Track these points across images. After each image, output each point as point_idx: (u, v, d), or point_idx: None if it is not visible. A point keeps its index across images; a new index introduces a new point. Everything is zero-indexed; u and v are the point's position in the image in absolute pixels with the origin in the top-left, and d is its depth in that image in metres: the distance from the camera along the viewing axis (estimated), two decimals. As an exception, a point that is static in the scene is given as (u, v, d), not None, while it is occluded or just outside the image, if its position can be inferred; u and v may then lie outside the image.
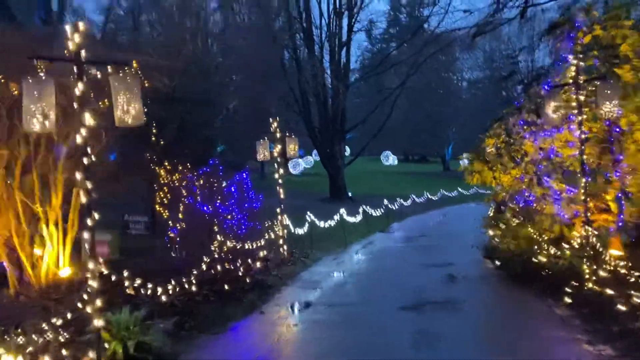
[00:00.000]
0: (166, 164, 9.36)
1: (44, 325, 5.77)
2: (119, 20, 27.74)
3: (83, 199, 5.37)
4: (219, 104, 22.12)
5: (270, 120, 12.28)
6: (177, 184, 9.68)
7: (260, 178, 31.96)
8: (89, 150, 5.29)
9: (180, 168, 10.32)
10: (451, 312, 8.03)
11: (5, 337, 5.53)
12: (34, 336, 5.52)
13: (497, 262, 10.32)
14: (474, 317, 7.85)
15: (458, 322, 7.47)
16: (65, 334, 5.81)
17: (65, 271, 7.98)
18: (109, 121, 5.80)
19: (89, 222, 5.38)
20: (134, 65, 8.32)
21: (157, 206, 9.06)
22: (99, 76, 6.01)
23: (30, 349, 5.34)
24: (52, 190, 7.84)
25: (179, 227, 9.46)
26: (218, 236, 9.43)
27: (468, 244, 12.43)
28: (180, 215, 9.35)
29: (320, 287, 9.90)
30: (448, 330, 7.11)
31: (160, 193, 9.12)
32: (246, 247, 10.08)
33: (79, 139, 5.25)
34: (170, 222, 9.31)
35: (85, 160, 5.27)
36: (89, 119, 5.29)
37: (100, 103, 7.42)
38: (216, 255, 9.38)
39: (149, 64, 11.41)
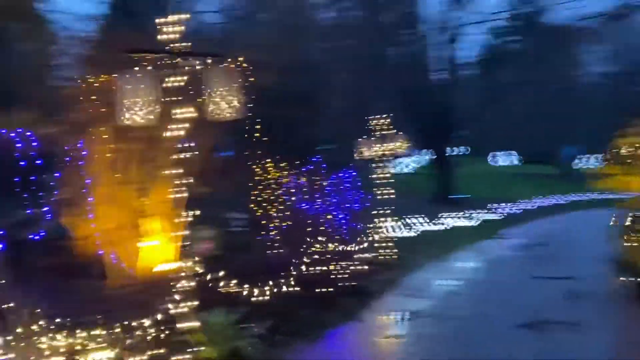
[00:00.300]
0: (267, 161, 9.18)
1: (138, 321, 5.72)
2: (227, 17, 28.40)
3: (184, 194, 5.20)
4: (324, 101, 21.99)
5: (375, 116, 11.76)
6: (278, 182, 9.49)
7: (363, 177, 31.45)
8: (190, 145, 5.14)
9: (281, 165, 10.13)
10: (577, 334, 7.00)
11: (100, 331, 5.54)
12: (127, 332, 5.48)
13: (633, 279, 8.99)
14: (604, 343, 6.78)
15: (586, 348, 6.47)
16: (159, 331, 5.72)
17: (166, 266, 8.02)
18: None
19: (188, 217, 5.18)
20: (239, 59, 8.27)
21: (254, 205, 8.90)
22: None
23: (121, 345, 5.28)
24: (156, 184, 7.91)
25: (278, 226, 9.26)
26: (317, 237, 9.09)
27: (592, 256, 11.08)
28: (279, 214, 9.14)
29: (425, 295, 9.24)
30: (575, 356, 6.17)
31: (260, 191, 8.95)
32: (346, 249, 9.66)
33: (178, 133, 5.10)
34: (269, 220, 9.12)
35: (185, 155, 5.10)
36: (187, 112, 5.13)
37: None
38: (315, 257, 9.06)
39: (254, 60, 11.35)
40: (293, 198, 9.76)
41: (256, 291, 7.52)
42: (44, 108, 8.03)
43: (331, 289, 8.48)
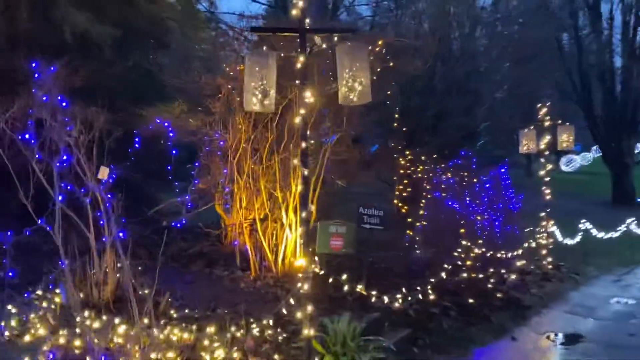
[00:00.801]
0: (413, 154, 8.45)
1: (263, 319, 5.43)
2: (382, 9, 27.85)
3: (299, 187, 4.76)
4: (482, 91, 20.42)
5: (538, 106, 10.34)
6: (422, 177, 8.72)
7: (524, 175, 28.97)
8: (308, 133, 4.67)
9: (427, 159, 9.33)
10: None
11: (227, 325, 5.36)
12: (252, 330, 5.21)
13: None
14: None
15: None
16: (278, 334, 5.39)
17: (300, 261, 7.74)
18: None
19: (304, 213, 4.73)
20: (379, 43, 7.68)
21: (395, 200, 8.23)
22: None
23: (238, 347, 5.02)
24: (293, 176, 7.66)
25: (421, 225, 8.50)
26: (464, 239, 8.16)
27: None
28: (421, 212, 8.37)
29: (595, 316, 7.82)
30: None
31: (401, 185, 8.26)
32: (499, 255, 8.57)
33: (297, 120, 4.66)
34: (411, 218, 8.40)
35: (303, 144, 4.65)
36: (315, 96, 4.66)
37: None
38: (461, 261, 8.14)
39: (401, 46, 10.67)
40: (440, 195, 8.91)
41: (388, 297, 6.87)
42: (192, 100, 8.20)
43: (480, 300, 7.54)
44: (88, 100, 9.79)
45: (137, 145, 8.52)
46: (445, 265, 7.97)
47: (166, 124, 7.97)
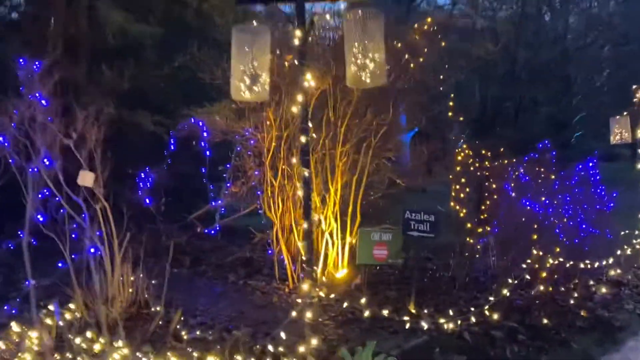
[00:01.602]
0: (465, 147, 7.30)
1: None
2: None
3: (299, 192, 3.95)
4: (575, 78, 18.40)
5: (634, 87, 8.77)
6: (488, 174, 7.55)
7: (628, 169, 25.93)
8: (309, 125, 3.84)
9: (496, 154, 8.12)
10: None
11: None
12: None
13: None
14: None
15: None
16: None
17: (341, 272, 6.91)
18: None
19: (305, 224, 3.91)
20: (427, 21, 6.66)
21: (451, 202, 7.15)
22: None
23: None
24: (331, 178, 6.84)
25: (488, 229, 7.33)
26: (540, 246, 6.92)
27: None
28: (485, 215, 7.20)
29: None
30: None
31: (458, 185, 7.16)
32: (583, 264, 7.22)
33: (294, 110, 3.84)
34: (469, 222, 7.26)
35: (303, 139, 3.82)
36: (314, 80, 3.82)
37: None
38: (537, 273, 6.91)
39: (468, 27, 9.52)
40: (511, 194, 7.68)
41: (442, 315, 5.87)
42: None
43: (557, 320, 6.30)
44: (135, 104, 9.66)
45: (172, 147, 8.11)
46: (515, 277, 6.78)
47: (200, 123, 7.42)
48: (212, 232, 7.75)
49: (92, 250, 3.96)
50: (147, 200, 8.09)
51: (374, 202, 8.43)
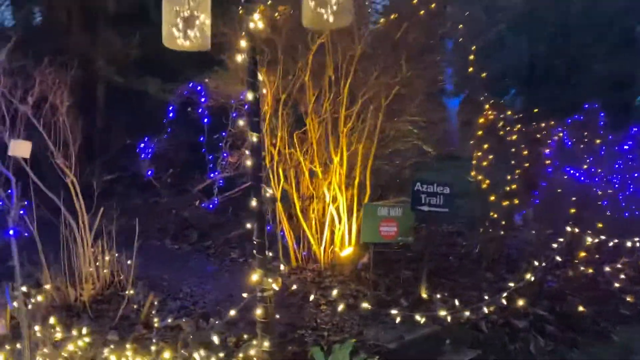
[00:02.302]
0: (487, 107, 6.33)
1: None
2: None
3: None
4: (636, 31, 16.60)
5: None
6: (519, 139, 6.59)
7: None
8: (259, 77, 3.14)
9: (534, 117, 7.14)
10: None
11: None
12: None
13: None
14: None
15: None
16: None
17: (347, 251, 6.22)
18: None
19: (253, 202, 3.27)
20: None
21: (472, 171, 6.28)
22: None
23: None
24: (334, 144, 6.10)
25: (513, 205, 6.44)
26: (580, 221, 5.99)
27: None
28: (514, 185, 6.29)
29: None
30: None
31: (479, 152, 6.27)
32: (630, 242, 6.24)
33: (239, 58, 3.14)
34: (494, 194, 6.37)
35: (250, 96, 3.13)
36: (262, 23, 3.09)
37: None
38: (575, 251, 6.01)
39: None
40: (547, 162, 6.72)
41: (457, 300, 5.13)
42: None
43: (594, 307, 5.42)
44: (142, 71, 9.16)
45: (171, 115, 7.56)
46: (547, 256, 5.90)
47: (199, 88, 6.82)
48: (210, 206, 7.22)
49: (12, 232, 3.45)
50: (149, 172, 7.64)
51: (397, 172, 7.66)
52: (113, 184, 8.28)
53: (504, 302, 5.24)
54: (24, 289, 4.93)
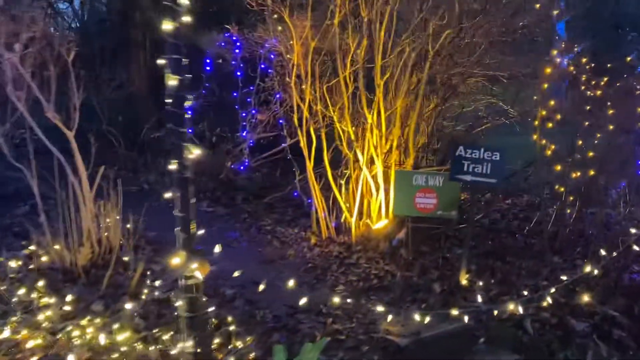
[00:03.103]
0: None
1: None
2: None
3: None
4: None
5: None
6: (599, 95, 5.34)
7: None
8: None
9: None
10: None
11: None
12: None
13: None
14: None
15: None
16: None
17: (381, 223, 5.43)
18: None
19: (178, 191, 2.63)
20: None
21: (535, 134, 5.17)
22: None
23: None
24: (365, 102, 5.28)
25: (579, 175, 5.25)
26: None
27: None
28: (589, 153, 5.09)
29: None
30: None
31: (543, 111, 5.11)
32: None
33: None
34: (560, 163, 5.21)
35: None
36: None
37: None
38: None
39: None
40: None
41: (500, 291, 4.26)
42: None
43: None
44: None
45: (207, 69, 7.04)
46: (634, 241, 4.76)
47: (234, 38, 6.23)
48: (241, 167, 6.68)
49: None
50: (190, 130, 7.22)
51: (465, 135, 6.70)
52: (160, 142, 8.03)
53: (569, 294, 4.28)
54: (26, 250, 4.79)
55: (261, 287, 4.17)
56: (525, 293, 4.46)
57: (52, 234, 4.64)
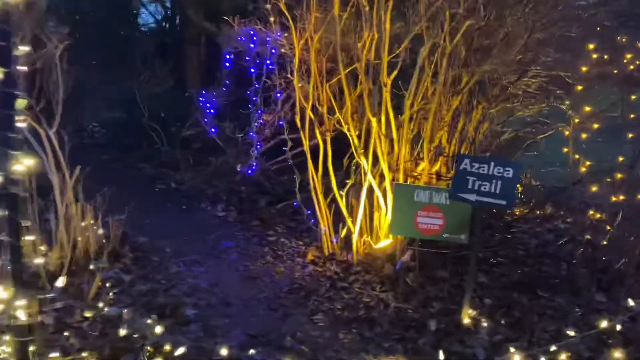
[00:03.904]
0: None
1: None
2: None
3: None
4: None
5: None
6: None
7: None
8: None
9: None
10: None
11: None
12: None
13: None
14: None
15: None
16: None
17: (383, 243, 4.78)
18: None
19: None
20: None
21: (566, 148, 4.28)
22: None
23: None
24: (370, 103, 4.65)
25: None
26: None
27: None
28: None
29: None
30: None
31: (576, 118, 4.21)
32: None
33: None
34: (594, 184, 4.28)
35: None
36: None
37: None
38: None
39: None
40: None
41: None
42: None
43: None
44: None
45: (227, 65, 6.65)
46: None
47: (252, 32, 5.83)
48: (249, 171, 6.23)
49: None
50: (213, 129, 6.93)
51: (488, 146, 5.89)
52: (191, 142, 7.81)
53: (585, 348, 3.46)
54: None
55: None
56: (542, 340, 3.69)
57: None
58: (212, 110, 6.86)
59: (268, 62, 5.77)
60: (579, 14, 5.22)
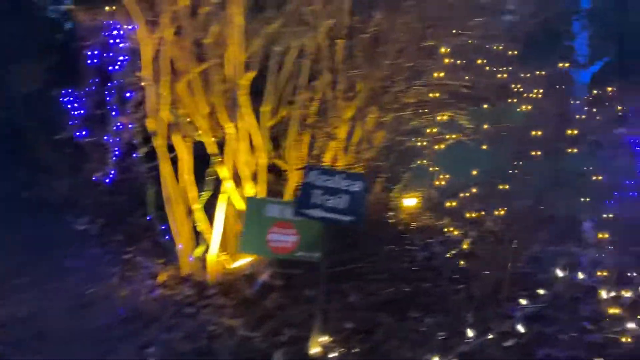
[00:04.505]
0: None
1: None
2: None
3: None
4: None
5: None
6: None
7: None
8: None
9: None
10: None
11: None
12: None
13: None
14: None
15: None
16: None
17: (240, 262, 4.36)
18: None
19: None
20: None
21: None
22: None
23: None
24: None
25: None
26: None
27: None
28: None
29: None
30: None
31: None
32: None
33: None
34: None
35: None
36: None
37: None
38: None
39: None
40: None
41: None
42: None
43: None
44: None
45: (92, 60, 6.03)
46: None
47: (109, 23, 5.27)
48: (107, 180, 5.72)
49: None
50: (79, 133, 6.31)
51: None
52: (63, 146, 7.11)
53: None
54: None
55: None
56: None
57: None
58: (80, 112, 6.23)
59: (122, 58, 5.24)
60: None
